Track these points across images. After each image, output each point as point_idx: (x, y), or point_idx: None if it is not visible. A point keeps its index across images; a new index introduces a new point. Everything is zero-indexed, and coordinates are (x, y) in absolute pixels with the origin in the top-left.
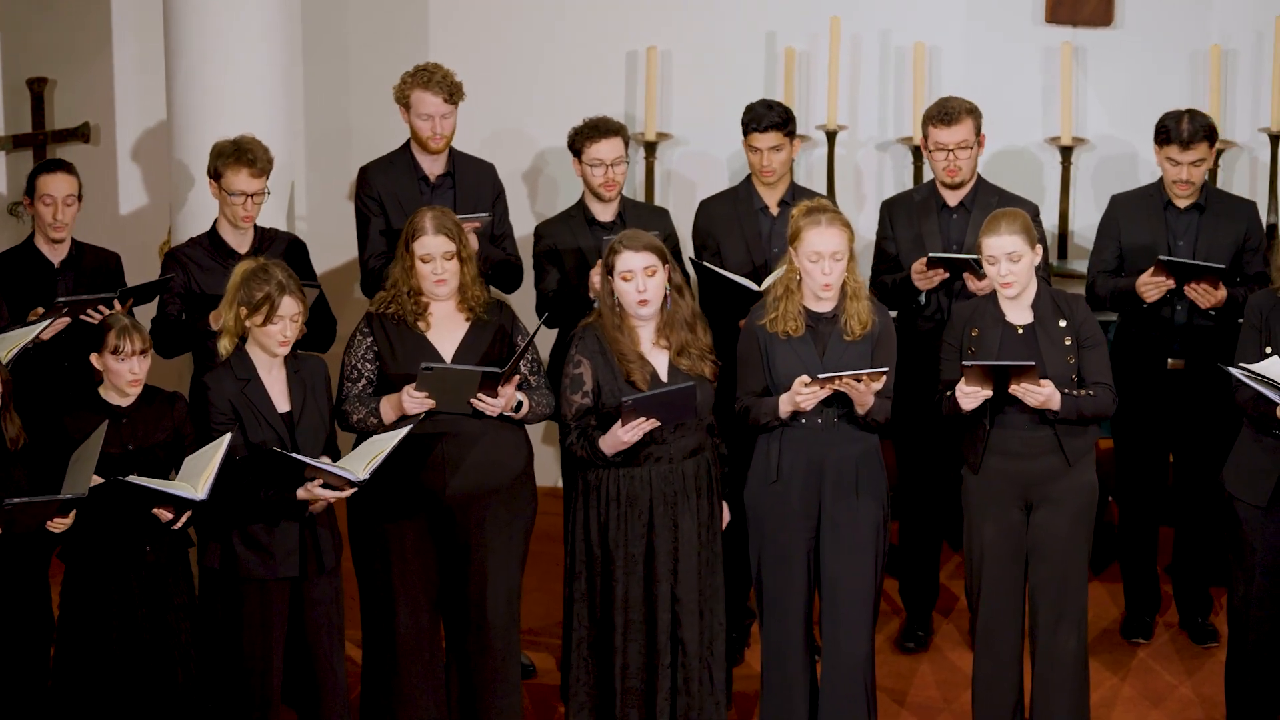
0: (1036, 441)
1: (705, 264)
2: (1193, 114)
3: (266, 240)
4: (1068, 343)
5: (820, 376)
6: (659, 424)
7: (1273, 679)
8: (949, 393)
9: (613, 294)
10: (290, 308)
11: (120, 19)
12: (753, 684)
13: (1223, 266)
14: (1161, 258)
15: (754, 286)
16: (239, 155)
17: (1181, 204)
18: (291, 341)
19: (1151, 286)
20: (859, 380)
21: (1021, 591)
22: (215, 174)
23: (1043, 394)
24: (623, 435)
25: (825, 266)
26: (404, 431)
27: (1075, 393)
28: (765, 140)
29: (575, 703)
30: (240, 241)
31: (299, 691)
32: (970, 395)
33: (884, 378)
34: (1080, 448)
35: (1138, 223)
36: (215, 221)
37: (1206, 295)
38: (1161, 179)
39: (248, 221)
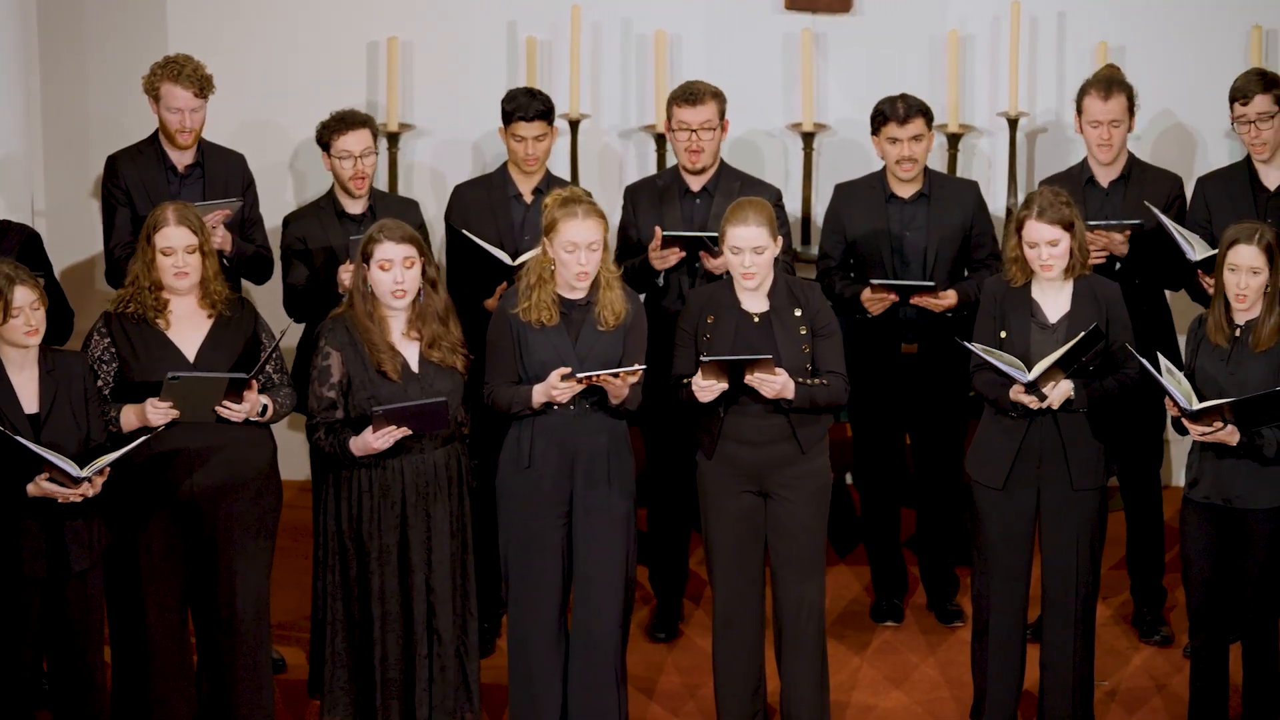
0: (770, 428)
1: (464, 231)
2: (904, 96)
3: None
4: (803, 331)
5: (579, 376)
6: (410, 432)
7: (1013, 657)
8: (685, 381)
9: (366, 282)
10: (24, 296)
11: None
12: (503, 675)
13: (933, 284)
14: (874, 281)
15: (508, 260)
16: None
17: (905, 192)
18: (39, 330)
19: (874, 302)
20: (617, 375)
21: (760, 577)
22: None
23: (777, 384)
24: (373, 442)
25: (581, 257)
26: (137, 443)
27: (809, 382)
28: (530, 130)
29: (331, 697)
30: None
31: (57, 692)
32: (706, 388)
33: (641, 373)
34: (813, 435)
35: (862, 215)
36: None
37: (934, 305)
38: (884, 170)
39: None
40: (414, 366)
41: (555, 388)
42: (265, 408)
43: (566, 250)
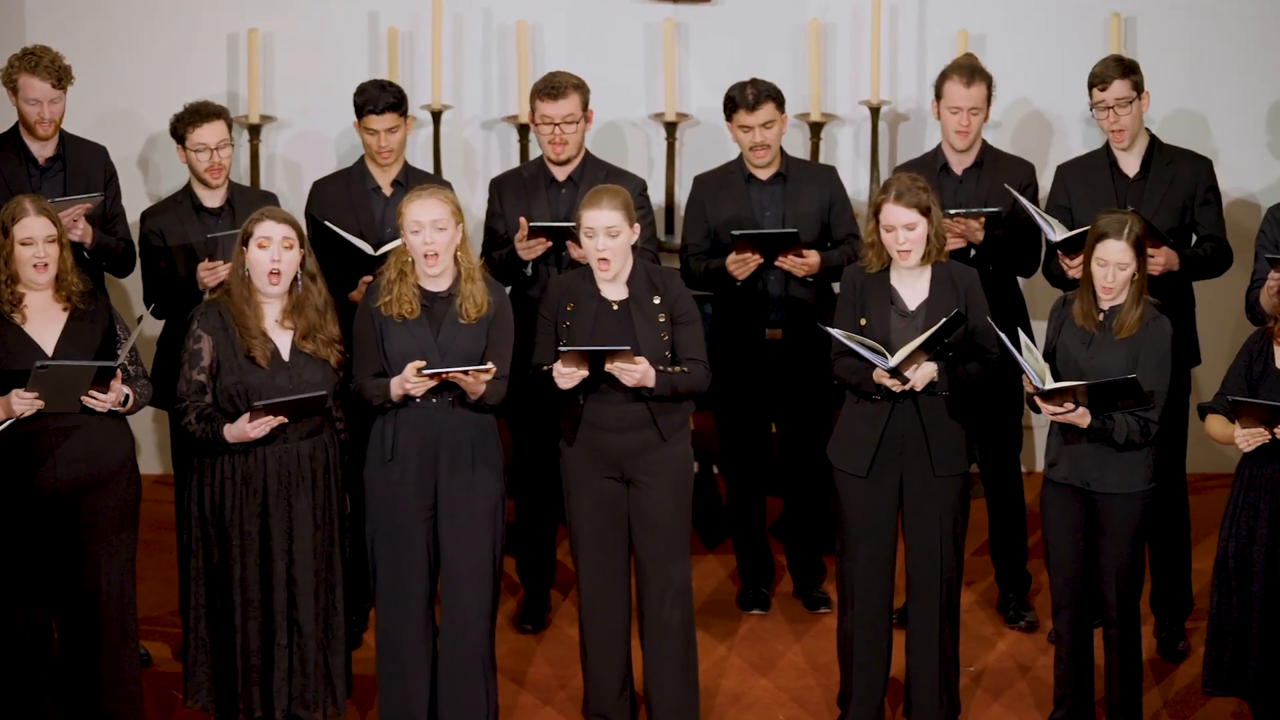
0: (630, 415)
1: (326, 222)
2: (754, 81)
3: None
4: (662, 319)
5: (427, 372)
6: (286, 421)
7: (879, 643)
8: (545, 369)
9: (244, 265)
10: None
11: None
12: (370, 667)
13: (794, 230)
14: (736, 232)
15: (369, 250)
16: None
17: (763, 175)
18: None
19: (739, 264)
20: (467, 373)
21: (624, 564)
22: None
23: (637, 373)
24: (249, 431)
25: (427, 235)
26: (2, 427)
27: (670, 369)
28: (382, 122)
29: (194, 682)
30: None
31: None
32: (566, 376)
33: (494, 370)
34: (674, 422)
35: (722, 200)
36: None
37: (798, 265)
38: (741, 155)
39: None
40: (285, 355)
41: (409, 381)
42: (127, 398)
43: (412, 231)
